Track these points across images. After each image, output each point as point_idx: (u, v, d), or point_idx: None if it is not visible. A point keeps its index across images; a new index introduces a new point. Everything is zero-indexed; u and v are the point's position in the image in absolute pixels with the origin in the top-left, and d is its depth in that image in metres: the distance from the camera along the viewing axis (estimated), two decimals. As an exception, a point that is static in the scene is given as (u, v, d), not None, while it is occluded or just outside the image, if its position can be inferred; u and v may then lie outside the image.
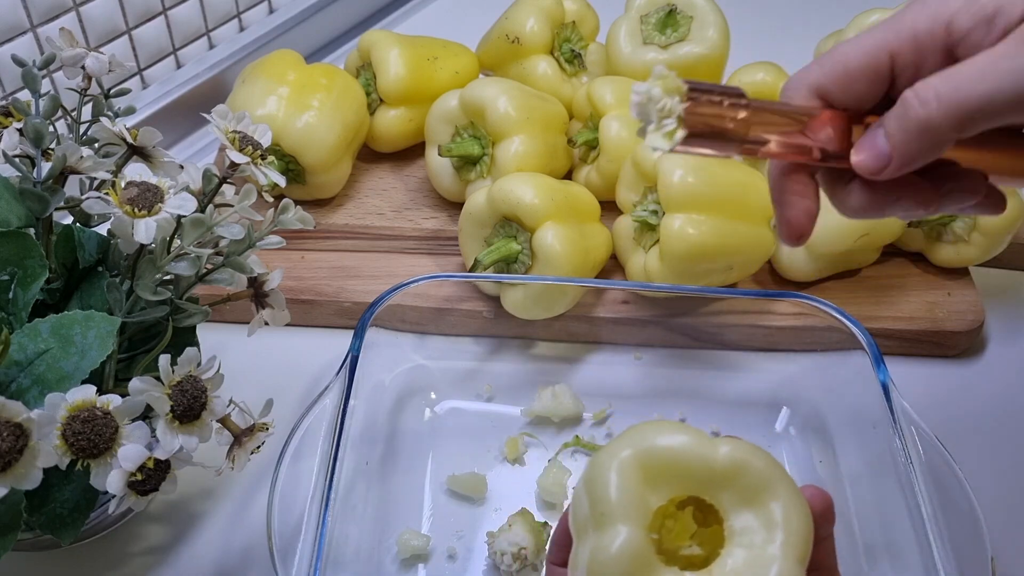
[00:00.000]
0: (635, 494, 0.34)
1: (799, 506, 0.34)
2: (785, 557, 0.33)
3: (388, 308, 0.56)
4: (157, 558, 0.53)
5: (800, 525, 0.33)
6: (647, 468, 0.34)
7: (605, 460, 0.35)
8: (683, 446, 0.34)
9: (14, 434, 0.36)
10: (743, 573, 0.33)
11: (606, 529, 0.33)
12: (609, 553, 0.33)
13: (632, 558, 0.32)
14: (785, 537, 0.33)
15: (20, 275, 0.44)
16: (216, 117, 0.46)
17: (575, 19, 0.77)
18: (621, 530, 0.33)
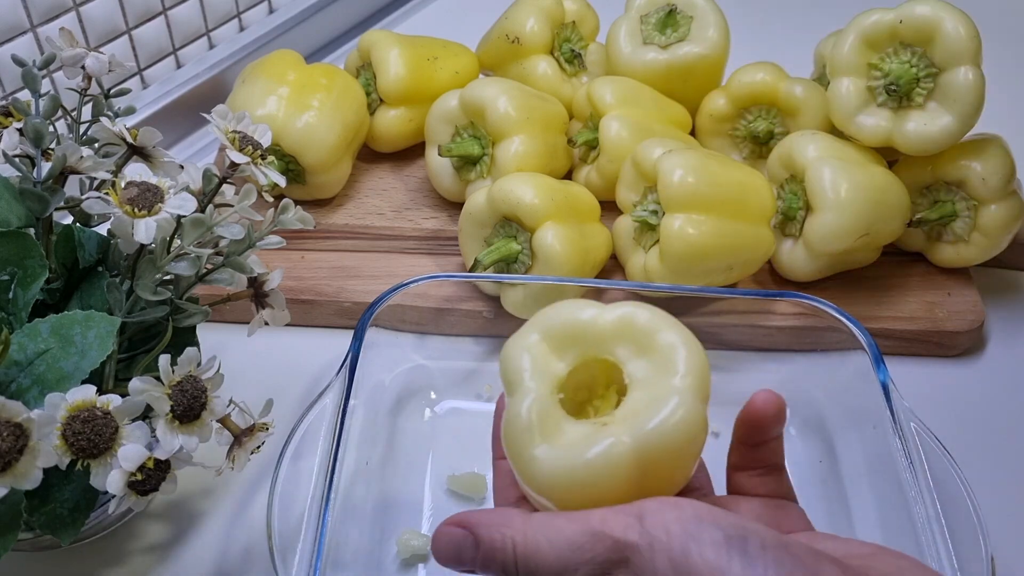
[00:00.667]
0: (539, 361, 0.37)
1: (691, 347, 0.35)
2: (684, 390, 0.34)
3: (388, 308, 0.56)
4: (157, 558, 0.53)
5: (694, 362, 0.35)
6: (548, 339, 0.37)
7: (511, 341, 0.38)
8: (574, 315, 0.37)
9: (14, 434, 0.36)
10: (641, 410, 0.34)
11: (515, 396, 0.36)
12: (518, 413, 0.35)
13: (539, 415, 0.35)
14: (682, 372, 0.34)
15: (20, 275, 0.44)
16: (216, 117, 0.46)
17: (575, 19, 0.77)
18: (528, 392, 0.35)
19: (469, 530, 0.35)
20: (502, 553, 0.34)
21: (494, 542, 0.34)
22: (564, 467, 0.33)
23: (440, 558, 0.36)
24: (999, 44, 0.73)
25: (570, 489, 0.33)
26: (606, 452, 0.33)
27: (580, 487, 0.33)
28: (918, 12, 0.61)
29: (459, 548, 0.35)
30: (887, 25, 0.62)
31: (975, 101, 0.60)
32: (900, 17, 0.61)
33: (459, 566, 0.35)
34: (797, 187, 0.65)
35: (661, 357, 0.35)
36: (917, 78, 0.62)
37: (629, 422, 0.33)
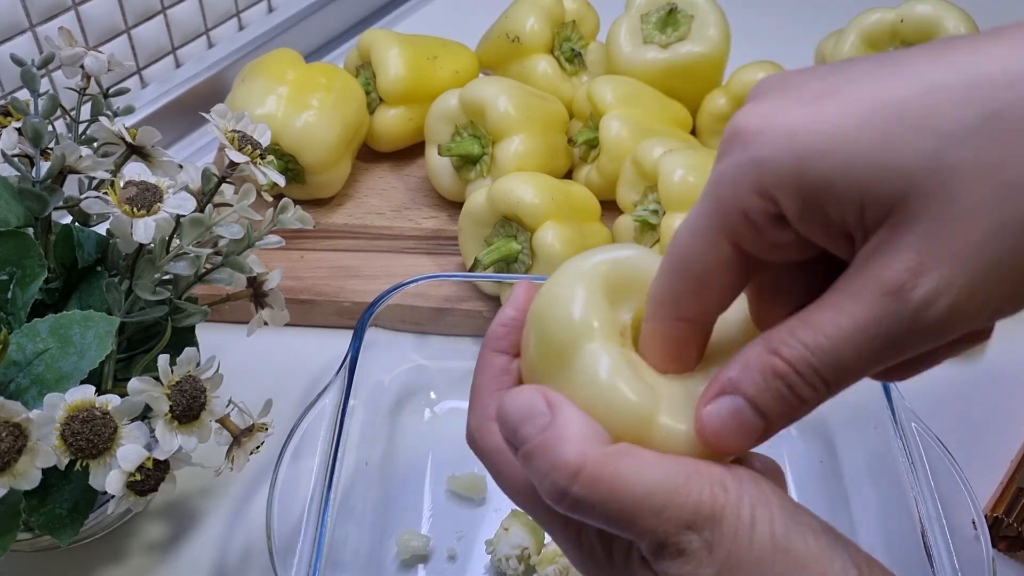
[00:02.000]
0: (602, 313, 0.31)
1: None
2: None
3: (388, 308, 0.56)
4: (156, 558, 0.53)
5: None
6: (600, 289, 0.31)
7: (552, 293, 0.31)
8: (637, 257, 0.33)
9: (13, 434, 0.36)
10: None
11: (583, 356, 0.29)
12: (602, 379, 0.29)
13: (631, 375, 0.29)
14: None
15: (19, 275, 0.44)
16: (215, 116, 0.46)
17: (575, 18, 0.77)
18: (601, 353, 0.29)
19: (551, 408, 0.29)
20: (559, 468, 0.27)
21: (567, 439, 0.27)
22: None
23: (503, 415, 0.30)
24: (1000, 43, 0.72)
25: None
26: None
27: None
28: (919, 11, 0.61)
29: (528, 417, 0.29)
30: (888, 24, 0.62)
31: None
32: (901, 16, 0.61)
33: (513, 437, 0.29)
34: (797, 187, 0.65)
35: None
36: (918, 77, 0.62)
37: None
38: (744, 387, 0.28)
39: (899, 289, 0.25)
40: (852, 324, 0.26)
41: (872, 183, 0.25)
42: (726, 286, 0.29)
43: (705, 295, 0.29)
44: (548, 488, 0.28)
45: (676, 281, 0.29)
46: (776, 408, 0.28)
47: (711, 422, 0.28)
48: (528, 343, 0.33)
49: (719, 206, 0.27)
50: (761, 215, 0.26)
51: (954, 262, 0.24)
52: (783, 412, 0.28)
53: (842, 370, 0.26)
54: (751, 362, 0.27)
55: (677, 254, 0.29)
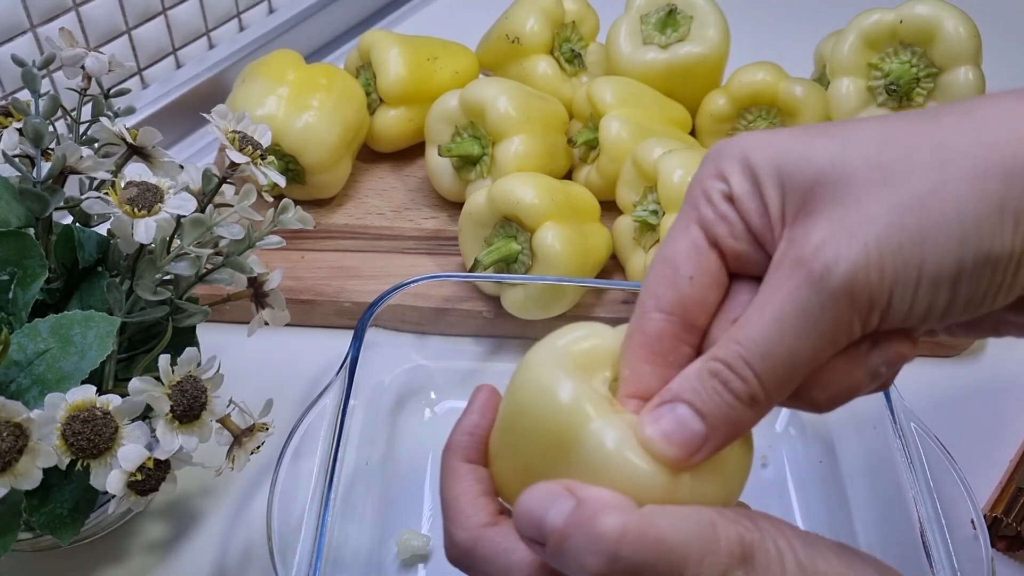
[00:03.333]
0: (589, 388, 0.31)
1: None
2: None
3: (388, 308, 0.56)
4: (157, 558, 0.53)
5: None
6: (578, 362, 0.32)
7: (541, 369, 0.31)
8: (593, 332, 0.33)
9: (14, 434, 0.36)
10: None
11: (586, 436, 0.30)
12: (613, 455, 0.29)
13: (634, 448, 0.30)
14: None
15: (20, 275, 0.44)
16: (216, 117, 0.46)
17: (575, 19, 0.77)
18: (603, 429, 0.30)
19: (573, 494, 0.29)
20: (605, 527, 0.27)
21: (601, 514, 0.28)
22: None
23: (525, 514, 0.29)
24: (999, 44, 0.73)
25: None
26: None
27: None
28: (918, 12, 0.61)
29: (551, 506, 0.28)
30: (887, 25, 0.62)
31: (975, 101, 0.60)
32: (900, 17, 0.61)
33: (539, 531, 0.29)
34: (797, 187, 0.65)
35: None
36: (917, 78, 0.62)
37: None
38: (683, 394, 0.29)
39: (804, 261, 0.28)
40: (775, 308, 0.28)
41: (791, 171, 0.29)
42: (697, 273, 0.31)
43: (678, 283, 0.30)
44: (594, 562, 0.27)
45: (654, 273, 0.31)
46: (715, 410, 0.29)
47: (654, 433, 0.29)
48: (512, 443, 0.33)
49: (689, 199, 0.31)
50: (717, 193, 0.30)
51: (849, 235, 0.27)
52: (722, 412, 0.29)
53: (771, 359, 0.28)
54: (689, 372, 0.29)
55: (658, 252, 0.32)
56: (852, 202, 0.28)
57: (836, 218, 0.28)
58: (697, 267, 0.31)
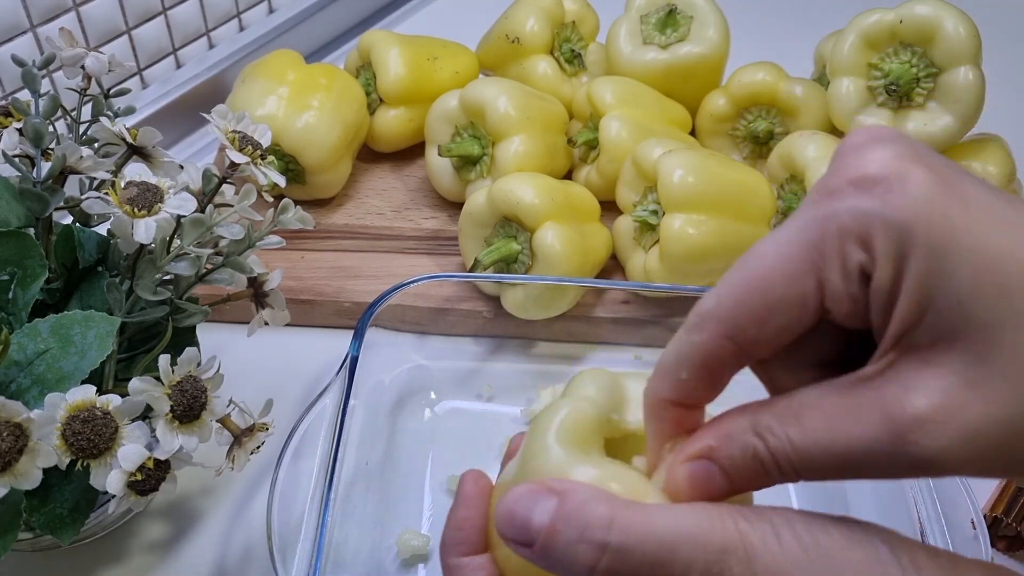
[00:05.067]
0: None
1: None
2: None
3: (388, 308, 0.56)
4: (157, 558, 0.53)
5: None
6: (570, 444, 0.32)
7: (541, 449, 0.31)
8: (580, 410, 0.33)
9: (14, 434, 0.36)
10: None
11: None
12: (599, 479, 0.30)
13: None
14: None
15: (20, 275, 0.44)
16: (216, 117, 0.46)
17: (575, 19, 0.77)
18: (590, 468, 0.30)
19: (555, 492, 0.28)
20: (593, 525, 0.27)
21: (586, 507, 0.27)
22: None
23: (508, 516, 0.28)
24: (999, 44, 0.73)
25: None
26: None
27: None
28: (918, 12, 0.61)
29: (535, 505, 0.28)
30: (887, 25, 0.62)
31: (975, 101, 0.60)
32: (900, 17, 0.61)
33: (525, 532, 0.28)
34: (797, 187, 0.65)
35: None
36: (917, 78, 0.62)
37: None
38: (722, 458, 0.28)
39: (905, 431, 0.25)
40: (844, 444, 0.26)
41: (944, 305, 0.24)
42: (785, 326, 0.27)
43: (762, 323, 0.27)
44: (583, 551, 0.27)
45: (745, 295, 0.27)
46: (745, 482, 0.28)
47: (684, 479, 0.29)
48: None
49: (822, 243, 0.26)
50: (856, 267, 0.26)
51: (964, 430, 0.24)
52: (748, 485, 0.28)
53: (816, 473, 0.27)
54: (734, 436, 0.28)
55: (759, 272, 0.27)
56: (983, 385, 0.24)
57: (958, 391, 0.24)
58: (789, 321, 0.27)
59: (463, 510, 0.34)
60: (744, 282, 0.27)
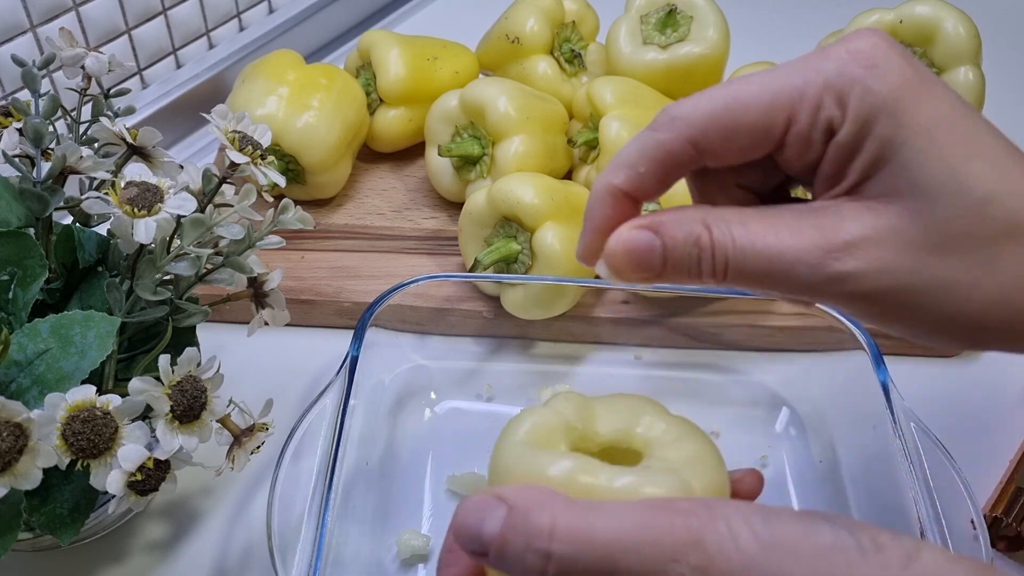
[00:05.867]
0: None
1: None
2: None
3: (388, 308, 0.56)
4: (157, 558, 0.53)
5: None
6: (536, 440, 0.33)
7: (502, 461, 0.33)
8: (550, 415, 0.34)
9: (14, 434, 0.36)
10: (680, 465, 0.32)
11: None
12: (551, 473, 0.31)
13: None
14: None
15: (20, 275, 0.44)
16: (216, 117, 0.46)
17: (575, 19, 0.77)
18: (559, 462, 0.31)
19: (503, 499, 0.29)
20: (536, 535, 0.27)
21: (530, 516, 0.28)
22: None
23: (461, 528, 0.29)
24: (999, 44, 0.73)
25: None
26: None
27: None
28: (918, 12, 0.61)
29: (485, 516, 0.29)
30: (887, 25, 0.62)
31: (975, 101, 0.60)
32: (900, 17, 0.61)
33: (478, 543, 0.29)
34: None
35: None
36: (917, 78, 0.62)
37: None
38: (665, 236, 0.31)
39: (832, 248, 0.29)
40: (775, 249, 0.29)
41: (893, 170, 0.29)
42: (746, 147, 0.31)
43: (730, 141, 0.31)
44: (531, 560, 0.27)
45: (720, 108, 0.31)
46: (676, 264, 0.31)
47: (625, 242, 0.31)
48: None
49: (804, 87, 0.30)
50: (825, 119, 0.30)
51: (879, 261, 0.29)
52: (677, 270, 0.31)
53: (744, 276, 0.30)
54: (683, 221, 0.31)
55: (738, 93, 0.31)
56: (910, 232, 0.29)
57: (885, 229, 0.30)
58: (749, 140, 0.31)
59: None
60: (724, 97, 0.31)
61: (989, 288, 0.29)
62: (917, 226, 0.29)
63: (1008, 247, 0.29)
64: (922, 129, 0.29)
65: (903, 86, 0.29)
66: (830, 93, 0.30)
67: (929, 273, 0.29)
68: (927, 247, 0.29)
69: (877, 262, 0.29)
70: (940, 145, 0.29)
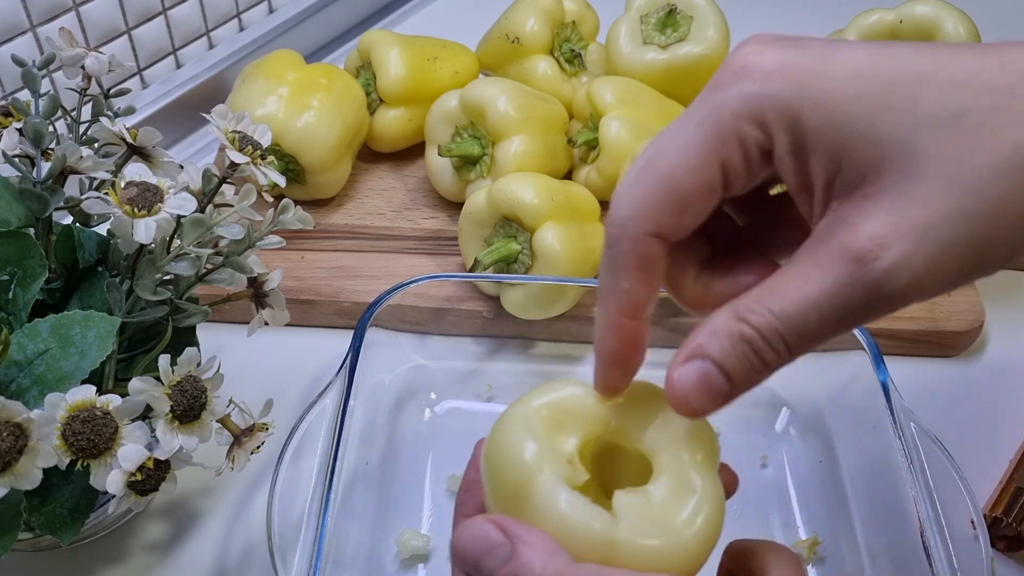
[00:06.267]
0: (550, 446, 0.32)
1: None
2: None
3: (388, 308, 0.56)
4: (157, 558, 0.53)
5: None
6: (549, 422, 0.33)
7: (509, 426, 0.33)
8: (571, 395, 0.34)
9: (14, 434, 0.36)
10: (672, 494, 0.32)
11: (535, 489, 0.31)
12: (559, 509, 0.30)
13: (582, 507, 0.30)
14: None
15: (20, 275, 0.44)
16: (216, 117, 0.46)
17: (575, 19, 0.77)
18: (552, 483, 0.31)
19: (509, 538, 0.29)
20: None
21: (534, 563, 0.28)
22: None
23: (460, 553, 0.30)
24: (999, 44, 0.72)
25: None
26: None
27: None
28: (918, 12, 0.61)
29: (488, 550, 0.29)
30: (887, 25, 0.62)
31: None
32: (900, 17, 0.61)
33: (473, 570, 0.30)
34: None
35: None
36: (917, 78, 0.62)
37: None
38: (711, 351, 0.29)
39: (863, 258, 0.27)
40: (817, 292, 0.27)
41: (854, 148, 0.27)
42: (701, 211, 0.30)
43: (682, 215, 0.29)
44: None
45: (657, 197, 0.29)
46: (741, 372, 0.29)
47: (681, 384, 0.30)
48: (487, 492, 0.34)
49: (717, 131, 0.28)
50: (754, 145, 0.28)
51: (915, 238, 0.26)
52: (748, 375, 0.29)
53: (806, 336, 0.29)
54: (719, 328, 0.29)
55: (663, 169, 0.29)
56: (919, 199, 0.26)
57: (898, 209, 0.26)
58: (704, 206, 0.30)
59: (473, 472, 0.36)
60: (653, 180, 0.29)
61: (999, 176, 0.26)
62: (917, 181, 0.27)
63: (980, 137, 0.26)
64: (848, 96, 0.27)
65: (805, 72, 0.28)
66: (742, 120, 0.28)
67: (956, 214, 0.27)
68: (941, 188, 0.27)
69: (909, 237, 0.26)
70: (875, 97, 0.27)
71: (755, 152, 0.29)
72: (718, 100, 0.29)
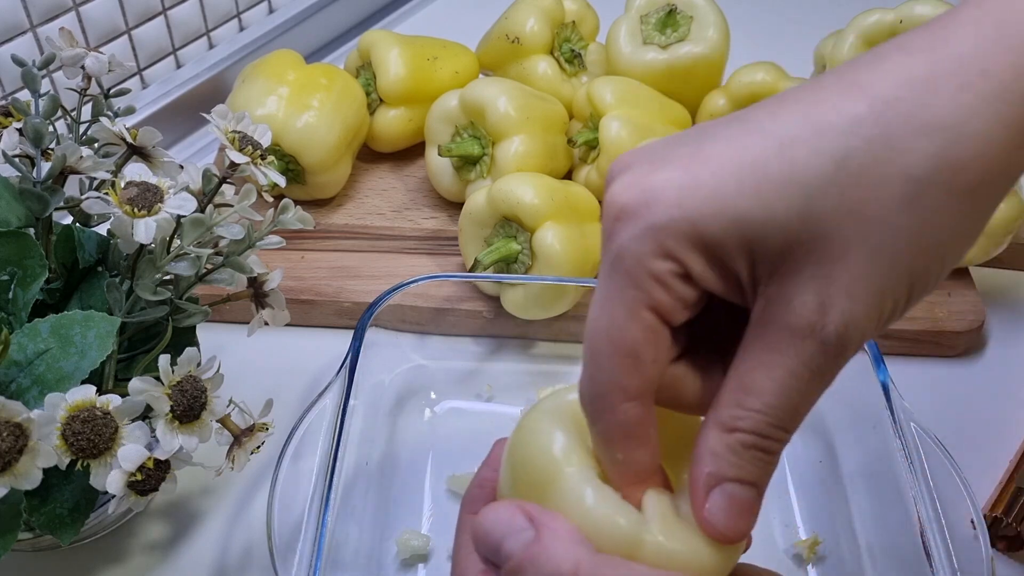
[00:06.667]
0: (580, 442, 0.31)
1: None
2: None
3: (388, 308, 0.56)
4: (157, 558, 0.53)
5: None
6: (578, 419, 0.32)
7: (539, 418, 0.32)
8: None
9: (14, 434, 0.36)
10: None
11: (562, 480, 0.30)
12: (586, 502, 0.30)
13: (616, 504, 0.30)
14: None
15: (20, 275, 0.44)
16: (216, 117, 0.46)
17: (575, 19, 0.77)
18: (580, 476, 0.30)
19: (533, 523, 0.29)
20: (559, 565, 0.27)
21: (556, 549, 0.28)
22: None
23: (482, 533, 0.29)
24: (999, 44, 0.72)
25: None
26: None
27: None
28: (918, 12, 0.61)
29: (511, 532, 0.29)
30: (887, 25, 0.62)
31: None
32: (900, 17, 0.61)
33: (495, 555, 0.29)
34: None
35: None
36: (917, 78, 0.62)
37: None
38: (725, 472, 0.29)
39: (812, 328, 0.27)
40: (786, 374, 0.28)
41: (757, 240, 0.27)
42: (658, 355, 0.29)
43: (642, 369, 0.29)
44: None
45: (612, 363, 0.29)
46: (759, 472, 0.29)
47: (716, 518, 0.29)
48: (509, 487, 0.33)
49: (630, 278, 0.28)
50: (669, 275, 0.28)
51: (847, 295, 0.27)
52: (765, 472, 0.30)
53: (797, 414, 0.29)
54: (717, 449, 0.29)
55: (603, 339, 0.29)
56: (837, 258, 0.27)
57: (821, 277, 0.27)
58: (657, 350, 0.29)
59: (487, 471, 0.36)
60: (602, 358, 0.29)
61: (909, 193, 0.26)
62: (835, 251, 0.27)
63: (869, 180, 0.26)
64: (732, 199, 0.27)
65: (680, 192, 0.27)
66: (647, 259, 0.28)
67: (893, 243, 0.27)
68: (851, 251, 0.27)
69: (843, 295, 0.27)
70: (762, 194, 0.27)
71: (675, 282, 0.28)
72: (616, 251, 0.28)
